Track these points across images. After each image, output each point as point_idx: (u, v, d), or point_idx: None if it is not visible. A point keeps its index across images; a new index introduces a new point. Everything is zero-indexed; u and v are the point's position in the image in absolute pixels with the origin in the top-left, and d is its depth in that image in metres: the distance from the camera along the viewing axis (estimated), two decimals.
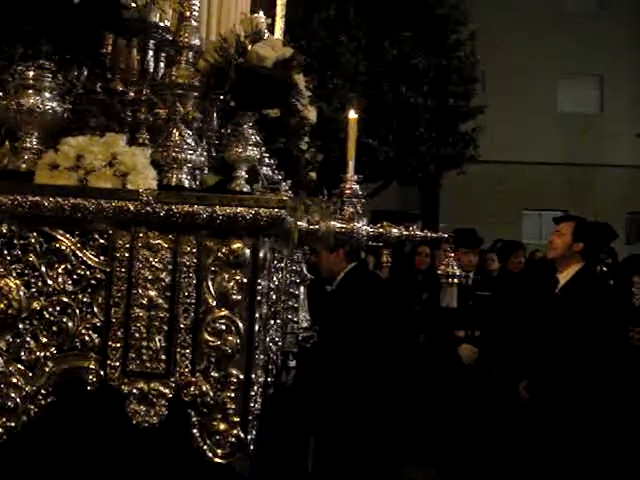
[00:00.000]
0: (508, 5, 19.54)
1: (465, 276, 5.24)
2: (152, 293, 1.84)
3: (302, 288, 3.52)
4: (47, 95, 1.91)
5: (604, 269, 6.32)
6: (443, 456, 5.95)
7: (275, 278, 2.39)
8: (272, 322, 2.37)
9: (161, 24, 2.35)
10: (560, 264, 4.69)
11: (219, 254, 1.85)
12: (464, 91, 14.62)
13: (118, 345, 1.85)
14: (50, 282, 1.85)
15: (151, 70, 2.36)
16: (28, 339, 1.85)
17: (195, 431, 1.84)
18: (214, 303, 1.85)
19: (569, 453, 4.26)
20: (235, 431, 1.83)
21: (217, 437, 1.83)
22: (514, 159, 19.70)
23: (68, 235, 1.86)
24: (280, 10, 3.24)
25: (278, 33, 3.09)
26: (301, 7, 11.43)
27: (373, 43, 13.53)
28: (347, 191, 2.86)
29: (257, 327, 1.87)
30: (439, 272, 2.82)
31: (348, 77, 12.79)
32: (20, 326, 1.84)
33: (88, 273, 1.86)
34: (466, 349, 5.79)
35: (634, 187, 19.93)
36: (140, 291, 1.85)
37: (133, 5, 2.24)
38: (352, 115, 2.97)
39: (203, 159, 2.05)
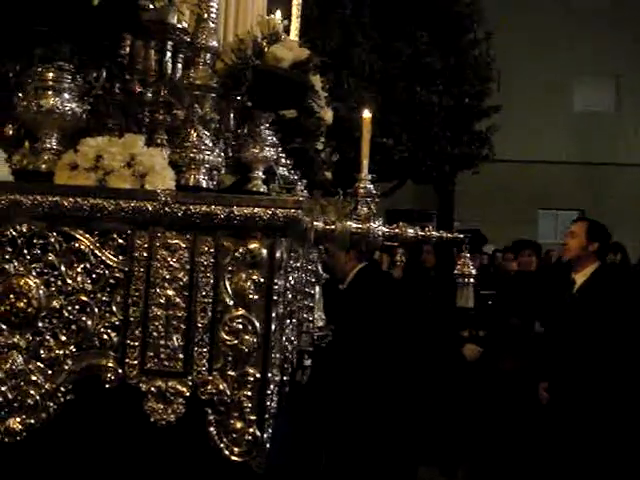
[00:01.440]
0: (523, 4, 19.43)
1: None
2: (170, 292, 1.86)
3: (318, 287, 3.52)
4: (66, 96, 1.93)
5: None
6: (447, 455, 5.93)
7: (291, 277, 2.40)
8: (288, 321, 2.38)
9: (179, 26, 2.36)
10: (576, 264, 4.69)
11: (236, 254, 1.85)
12: (479, 90, 14.57)
13: (136, 344, 1.87)
14: (69, 281, 1.87)
15: (169, 71, 2.38)
16: (47, 337, 1.87)
17: (212, 429, 1.85)
18: (231, 302, 1.86)
19: (591, 453, 4.25)
20: (251, 429, 1.84)
21: (234, 435, 1.84)
22: (529, 158, 19.60)
23: (87, 235, 1.88)
24: (296, 10, 3.24)
25: (294, 34, 3.09)
26: (316, 7, 11.42)
27: (388, 42, 13.51)
28: (361, 190, 2.86)
29: (273, 326, 1.88)
30: (455, 272, 2.81)
31: (363, 77, 12.78)
32: (40, 324, 1.86)
33: (107, 272, 1.87)
34: (470, 349, 5.79)
35: None
36: (158, 290, 1.86)
37: (151, 7, 2.25)
38: (366, 115, 2.96)
39: (220, 160, 2.07)
